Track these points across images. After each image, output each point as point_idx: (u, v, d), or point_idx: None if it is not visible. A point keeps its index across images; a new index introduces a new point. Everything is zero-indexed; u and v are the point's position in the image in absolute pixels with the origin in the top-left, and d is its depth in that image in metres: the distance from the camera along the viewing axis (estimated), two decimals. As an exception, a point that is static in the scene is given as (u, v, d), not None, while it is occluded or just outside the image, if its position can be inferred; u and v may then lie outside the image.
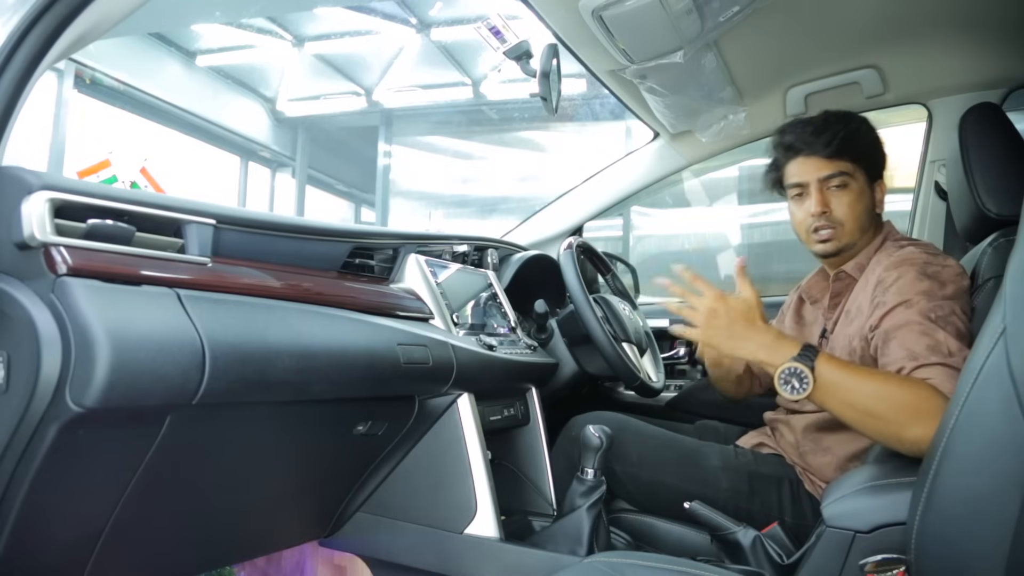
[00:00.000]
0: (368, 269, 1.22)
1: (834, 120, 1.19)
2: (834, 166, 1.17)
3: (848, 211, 1.17)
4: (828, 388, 0.93)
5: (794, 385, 0.94)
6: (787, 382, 0.94)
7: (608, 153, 4.54)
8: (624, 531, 1.28)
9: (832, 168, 1.17)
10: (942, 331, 0.97)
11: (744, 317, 1.01)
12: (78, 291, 0.68)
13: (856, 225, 1.17)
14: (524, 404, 1.46)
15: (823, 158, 1.17)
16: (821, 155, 1.18)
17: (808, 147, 1.19)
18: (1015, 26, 1.39)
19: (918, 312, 1.00)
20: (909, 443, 0.88)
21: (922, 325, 0.98)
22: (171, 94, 5.70)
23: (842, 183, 1.17)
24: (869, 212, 1.19)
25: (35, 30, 0.72)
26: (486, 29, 1.19)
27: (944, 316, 0.99)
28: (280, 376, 0.84)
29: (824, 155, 1.17)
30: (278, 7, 5.60)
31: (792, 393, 0.94)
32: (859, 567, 0.82)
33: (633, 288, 2.16)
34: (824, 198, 1.17)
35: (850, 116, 1.21)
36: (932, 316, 0.99)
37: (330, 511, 1.24)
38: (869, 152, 1.19)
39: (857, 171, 1.17)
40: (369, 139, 7.24)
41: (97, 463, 0.77)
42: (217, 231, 0.88)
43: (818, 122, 1.20)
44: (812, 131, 1.19)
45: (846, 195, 1.17)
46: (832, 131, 1.17)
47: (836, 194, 1.17)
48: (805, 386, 0.93)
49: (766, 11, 1.28)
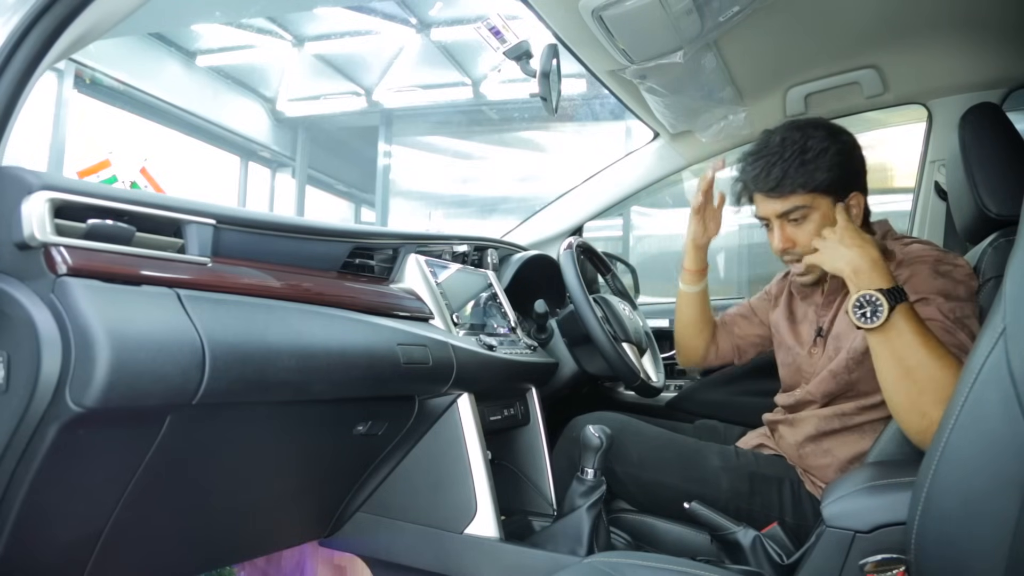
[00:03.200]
0: (368, 269, 1.22)
1: (788, 147, 1.13)
2: (788, 203, 1.13)
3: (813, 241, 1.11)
4: (893, 332, 0.91)
5: (866, 313, 0.92)
6: (861, 308, 0.92)
7: (608, 153, 4.54)
8: (624, 531, 1.28)
9: (786, 205, 1.14)
10: (962, 332, 0.97)
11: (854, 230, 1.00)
12: (78, 291, 0.68)
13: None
14: (524, 404, 1.46)
15: (775, 197, 1.15)
16: (772, 196, 1.15)
17: (757, 188, 1.16)
18: (1015, 26, 1.39)
19: (938, 310, 0.99)
20: (929, 419, 0.86)
21: (943, 323, 0.98)
22: (171, 94, 5.69)
23: (801, 216, 1.14)
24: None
25: (35, 30, 0.72)
26: (486, 29, 1.19)
27: (961, 318, 0.99)
28: (280, 376, 0.84)
29: (775, 195, 1.14)
30: (278, 7, 5.60)
31: (860, 319, 0.92)
32: (859, 567, 0.82)
33: (633, 288, 2.16)
34: (785, 234, 1.15)
35: (807, 135, 1.14)
36: (951, 317, 0.98)
37: (330, 511, 1.24)
38: (830, 176, 1.12)
39: (817, 198, 1.13)
40: (369, 139, 7.24)
41: (97, 463, 0.77)
42: (217, 231, 0.88)
43: (768, 155, 1.14)
44: (761, 169, 1.14)
45: (808, 225, 1.14)
46: (781, 167, 1.12)
47: (798, 226, 1.15)
48: (876, 318, 0.91)
49: (766, 11, 1.28)
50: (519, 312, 1.57)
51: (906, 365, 0.90)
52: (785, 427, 1.26)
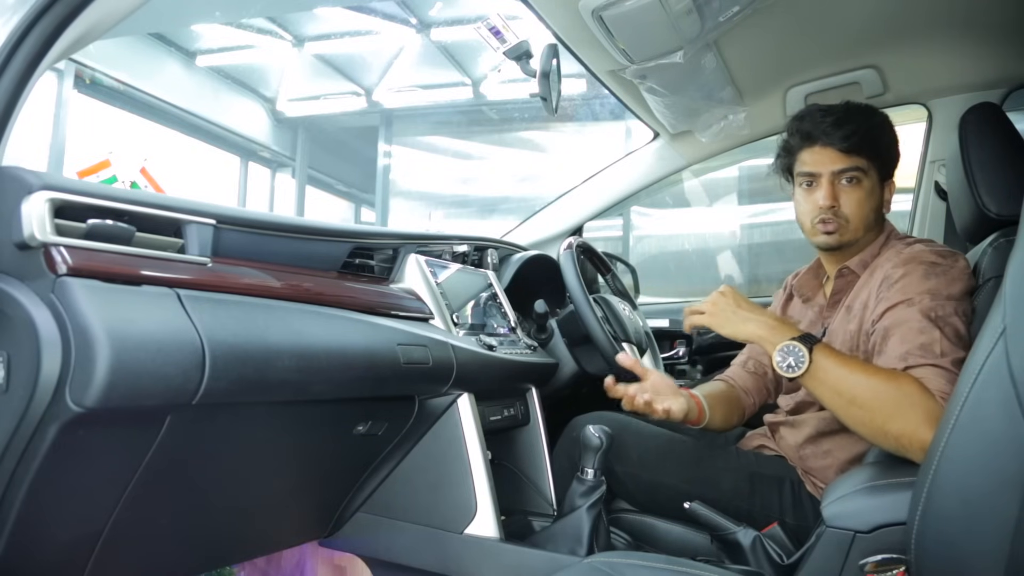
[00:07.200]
0: (368, 269, 1.22)
1: (856, 113, 1.16)
2: (849, 160, 1.14)
3: (857, 208, 1.15)
4: (821, 372, 0.96)
5: (790, 363, 0.97)
6: (784, 359, 0.97)
7: (608, 153, 4.54)
8: (624, 531, 1.28)
9: (847, 162, 1.14)
10: (939, 331, 0.97)
11: (747, 301, 1.07)
12: (78, 291, 0.68)
13: (862, 223, 1.16)
14: (524, 404, 1.46)
15: (839, 151, 1.14)
16: (838, 148, 1.14)
17: (826, 137, 1.15)
18: (1015, 26, 1.39)
19: (919, 311, 1.00)
20: (892, 437, 0.90)
21: (920, 324, 0.98)
22: (171, 94, 5.69)
23: (855, 178, 1.15)
24: (876, 211, 1.18)
25: (35, 30, 0.72)
26: (486, 29, 1.19)
27: (943, 316, 0.99)
28: (280, 376, 0.84)
29: (841, 148, 1.14)
30: (278, 7, 5.60)
31: (788, 371, 0.97)
32: (859, 567, 0.82)
33: (633, 288, 2.16)
34: (834, 191, 1.15)
35: (872, 111, 1.18)
36: (932, 315, 0.99)
37: (330, 511, 1.24)
38: (885, 151, 1.17)
39: (871, 168, 1.15)
40: (369, 139, 7.24)
41: (97, 463, 0.77)
42: (217, 231, 0.88)
43: (839, 112, 1.16)
44: (832, 122, 1.15)
45: (857, 191, 1.15)
46: (853, 124, 1.14)
47: (847, 189, 1.15)
48: (801, 365, 0.96)
49: (766, 11, 1.28)
50: (519, 312, 1.57)
51: (846, 396, 0.94)
52: (786, 428, 1.26)
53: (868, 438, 0.95)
